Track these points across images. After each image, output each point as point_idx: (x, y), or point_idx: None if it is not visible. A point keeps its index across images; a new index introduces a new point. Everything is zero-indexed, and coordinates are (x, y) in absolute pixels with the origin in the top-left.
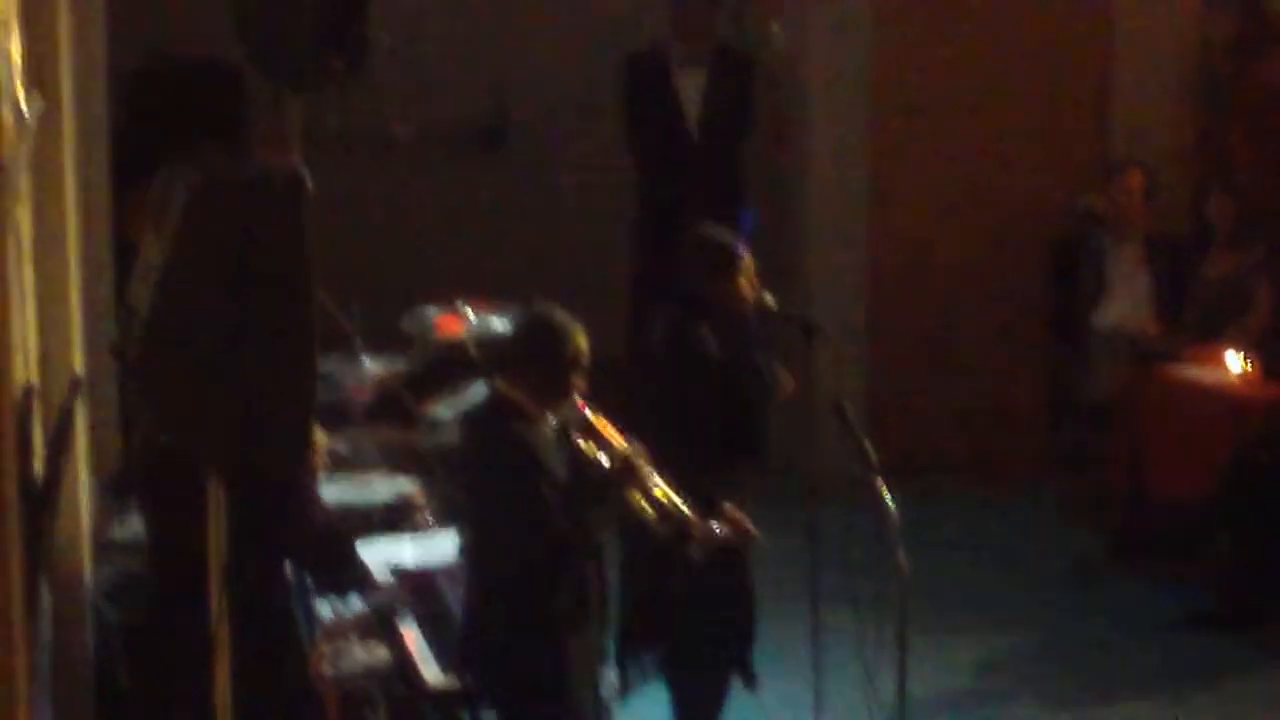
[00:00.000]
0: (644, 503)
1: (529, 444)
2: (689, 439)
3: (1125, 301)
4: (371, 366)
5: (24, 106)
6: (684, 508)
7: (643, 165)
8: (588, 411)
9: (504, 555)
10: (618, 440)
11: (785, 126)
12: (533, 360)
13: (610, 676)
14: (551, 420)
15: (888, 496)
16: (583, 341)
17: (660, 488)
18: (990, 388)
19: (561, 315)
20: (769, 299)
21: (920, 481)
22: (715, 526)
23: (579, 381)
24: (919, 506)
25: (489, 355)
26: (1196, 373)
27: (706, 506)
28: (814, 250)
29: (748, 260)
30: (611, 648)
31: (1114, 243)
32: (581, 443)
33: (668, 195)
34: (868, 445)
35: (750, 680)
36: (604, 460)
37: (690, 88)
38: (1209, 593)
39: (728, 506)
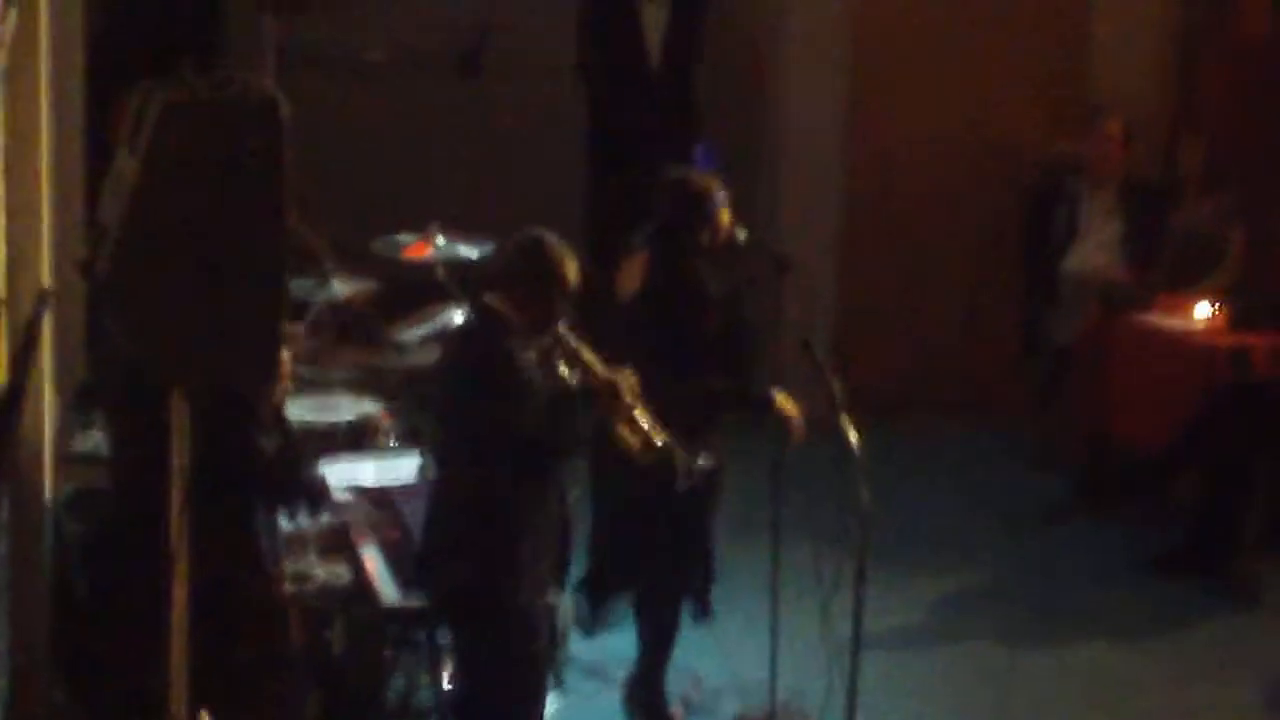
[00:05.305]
0: (626, 431)
1: (518, 361)
2: (685, 379)
3: (1096, 247)
4: (341, 288)
5: None
6: (666, 437)
7: (597, 95)
8: (572, 338)
9: (473, 467)
10: (600, 368)
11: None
12: (524, 281)
13: (567, 604)
14: (536, 343)
15: (852, 433)
16: (573, 268)
17: (643, 416)
18: (960, 328)
19: (556, 240)
20: (741, 233)
21: (887, 420)
22: (699, 458)
23: (566, 307)
24: (885, 444)
25: (465, 277)
26: (1164, 320)
27: (688, 439)
28: (788, 186)
29: (725, 196)
30: (579, 584)
31: (1089, 188)
32: (564, 368)
33: (626, 127)
34: (834, 381)
35: (706, 616)
36: (584, 385)
37: (652, 20)
38: (1172, 537)
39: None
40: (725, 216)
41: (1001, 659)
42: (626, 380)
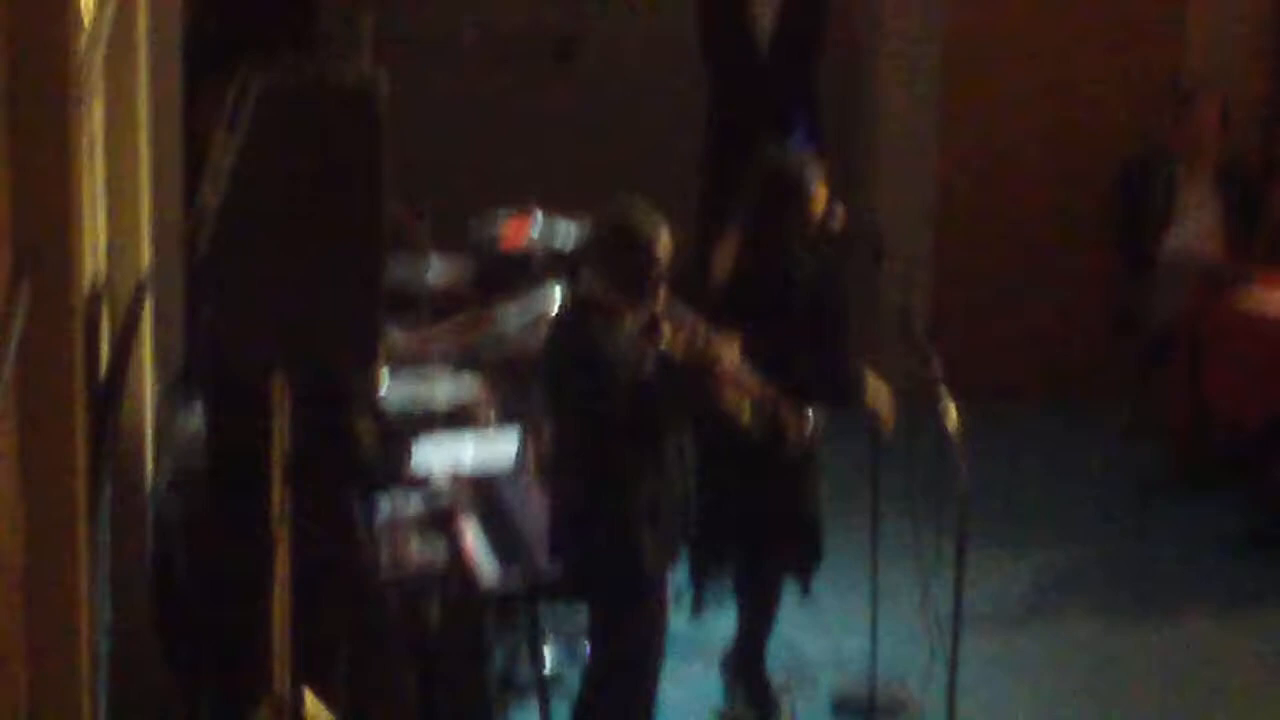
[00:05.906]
0: (733, 398)
1: (604, 345)
2: (769, 363)
3: (1195, 229)
4: (439, 270)
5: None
6: (776, 400)
7: (714, 86)
8: (673, 309)
9: (583, 448)
10: (704, 337)
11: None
12: (615, 257)
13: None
14: (635, 317)
15: (951, 407)
16: (665, 237)
17: (749, 382)
18: (1057, 308)
19: (643, 210)
20: (838, 215)
21: (984, 400)
22: (807, 417)
23: (662, 277)
24: (982, 425)
25: (567, 255)
26: (1264, 299)
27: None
28: (883, 170)
29: (821, 177)
30: (685, 564)
31: (1185, 170)
32: (668, 338)
33: (736, 117)
34: (932, 354)
35: (807, 593)
36: (689, 356)
37: (765, 8)
38: (1270, 514)
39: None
40: (819, 198)
41: (1100, 636)
42: (730, 348)
